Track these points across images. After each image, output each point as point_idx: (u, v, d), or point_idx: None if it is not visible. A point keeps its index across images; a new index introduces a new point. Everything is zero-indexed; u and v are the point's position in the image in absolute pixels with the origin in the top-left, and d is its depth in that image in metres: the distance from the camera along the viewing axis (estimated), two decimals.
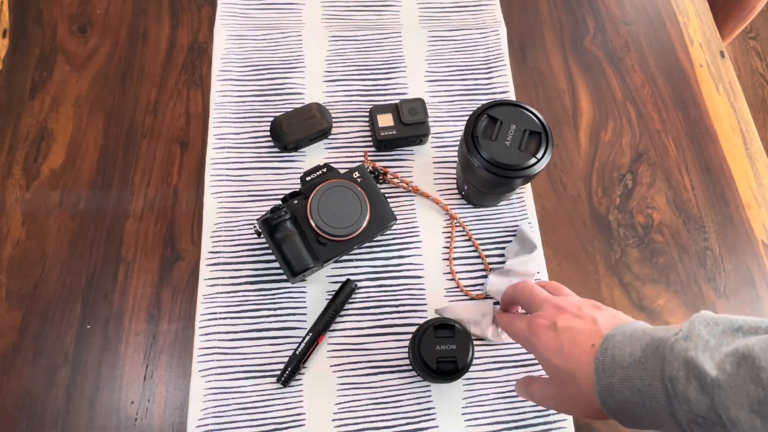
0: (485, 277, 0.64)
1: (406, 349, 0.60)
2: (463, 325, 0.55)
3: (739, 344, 0.36)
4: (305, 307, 0.61)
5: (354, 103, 0.72)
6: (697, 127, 0.74)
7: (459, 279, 0.64)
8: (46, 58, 0.72)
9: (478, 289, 0.63)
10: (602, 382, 0.41)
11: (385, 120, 0.67)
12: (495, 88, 0.74)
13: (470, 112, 0.71)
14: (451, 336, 0.54)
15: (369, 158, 0.69)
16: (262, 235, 0.59)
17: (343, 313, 0.61)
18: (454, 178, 0.69)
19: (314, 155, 0.68)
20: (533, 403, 0.59)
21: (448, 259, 0.64)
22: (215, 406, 0.57)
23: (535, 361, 0.60)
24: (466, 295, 0.63)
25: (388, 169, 0.68)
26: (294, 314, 0.61)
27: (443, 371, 0.53)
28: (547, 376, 0.48)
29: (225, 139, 0.68)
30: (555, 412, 0.58)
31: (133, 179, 0.66)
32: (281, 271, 0.61)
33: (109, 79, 0.71)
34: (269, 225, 0.58)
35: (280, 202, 0.61)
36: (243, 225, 0.64)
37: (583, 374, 0.43)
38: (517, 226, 0.66)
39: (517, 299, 0.52)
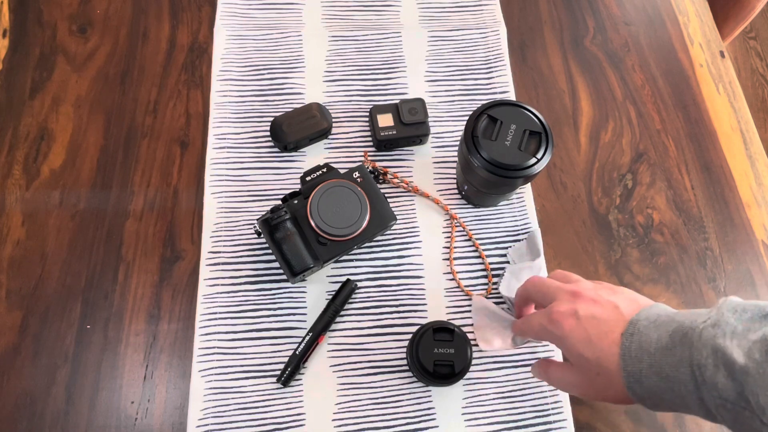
0: (485, 277, 0.64)
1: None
2: (461, 330, 0.55)
3: (766, 331, 0.37)
4: (305, 307, 0.61)
5: (354, 103, 0.72)
6: (697, 127, 0.74)
7: (459, 279, 0.64)
8: (46, 58, 0.72)
9: (479, 289, 0.63)
10: (629, 368, 0.41)
11: (385, 120, 0.67)
12: (495, 88, 0.74)
13: (470, 112, 0.70)
14: (450, 340, 0.54)
15: (369, 158, 0.69)
16: (262, 235, 0.59)
17: (343, 313, 0.61)
18: (454, 178, 0.69)
19: (314, 155, 0.68)
20: (533, 404, 0.59)
21: (448, 259, 0.64)
22: (215, 406, 0.57)
23: (534, 360, 0.60)
24: (467, 295, 0.63)
25: (388, 169, 0.68)
26: (294, 314, 0.61)
27: (440, 375, 0.53)
28: (563, 361, 0.47)
29: (225, 139, 0.68)
30: (555, 411, 0.58)
31: (133, 179, 0.66)
32: (281, 271, 0.61)
33: (109, 79, 0.71)
34: (269, 225, 0.58)
35: (280, 202, 0.61)
36: (243, 225, 0.64)
37: (610, 362, 0.43)
38: (527, 229, 0.66)
39: (530, 295, 0.52)
